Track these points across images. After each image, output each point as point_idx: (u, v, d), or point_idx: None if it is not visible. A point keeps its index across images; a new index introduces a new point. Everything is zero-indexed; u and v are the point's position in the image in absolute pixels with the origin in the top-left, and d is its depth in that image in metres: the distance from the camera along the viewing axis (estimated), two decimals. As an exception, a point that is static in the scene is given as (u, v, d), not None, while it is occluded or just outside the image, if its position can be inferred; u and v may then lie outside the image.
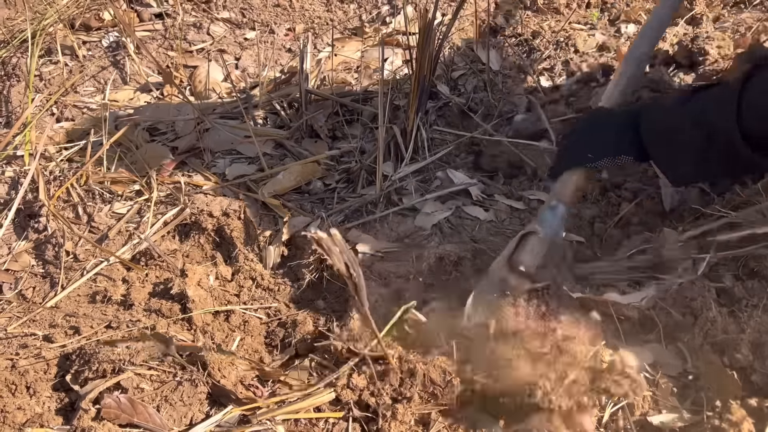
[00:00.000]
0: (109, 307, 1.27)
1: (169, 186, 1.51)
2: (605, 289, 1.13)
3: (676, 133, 1.12)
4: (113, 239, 1.42)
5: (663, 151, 1.15)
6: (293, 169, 1.55)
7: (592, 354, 0.97)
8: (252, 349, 1.18)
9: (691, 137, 1.09)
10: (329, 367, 1.10)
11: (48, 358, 1.12)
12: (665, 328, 1.08)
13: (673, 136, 1.13)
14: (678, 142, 1.12)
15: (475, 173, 1.57)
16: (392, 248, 1.35)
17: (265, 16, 2.14)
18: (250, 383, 1.08)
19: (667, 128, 1.13)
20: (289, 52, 2.02)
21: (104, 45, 1.99)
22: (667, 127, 1.14)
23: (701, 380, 1.01)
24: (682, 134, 1.11)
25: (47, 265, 1.39)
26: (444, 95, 1.76)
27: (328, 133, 1.68)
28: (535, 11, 2.16)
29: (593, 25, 2.10)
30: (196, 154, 1.64)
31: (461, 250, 1.29)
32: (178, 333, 1.17)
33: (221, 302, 1.27)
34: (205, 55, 1.99)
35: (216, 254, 1.41)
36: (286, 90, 1.83)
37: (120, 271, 1.36)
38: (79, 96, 1.84)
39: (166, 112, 1.77)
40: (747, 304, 1.08)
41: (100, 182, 1.53)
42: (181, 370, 1.06)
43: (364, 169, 1.54)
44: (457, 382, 1.02)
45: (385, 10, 2.14)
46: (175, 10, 2.10)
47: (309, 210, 1.47)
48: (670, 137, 1.13)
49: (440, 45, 1.56)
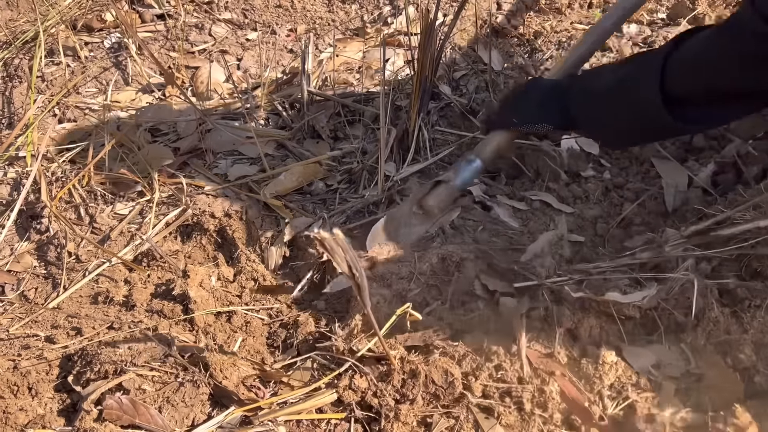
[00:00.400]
0: (111, 308, 1.27)
1: (171, 187, 1.51)
2: (606, 289, 1.13)
3: (603, 97, 1.16)
4: (115, 240, 1.42)
5: (590, 116, 1.19)
6: (295, 170, 1.55)
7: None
8: (254, 349, 1.18)
9: (617, 101, 1.13)
10: (331, 368, 1.09)
11: (50, 359, 1.12)
12: (667, 328, 1.07)
13: (600, 100, 1.17)
14: (604, 106, 1.16)
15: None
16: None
17: (266, 16, 2.14)
18: (252, 384, 1.08)
19: (596, 92, 1.17)
20: (291, 53, 2.02)
21: (106, 46, 1.99)
22: (596, 91, 1.17)
23: (704, 381, 1.01)
24: (608, 98, 1.15)
25: (49, 266, 1.39)
26: (446, 96, 1.76)
27: (329, 133, 1.68)
28: (537, 11, 2.16)
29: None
30: (197, 154, 1.64)
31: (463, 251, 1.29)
32: (180, 334, 1.17)
33: (223, 303, 1.27)
34: (207, 56, 1.99)
35: (218, 255, 1.42)
36: (287, 90, 1.83)
37: (122, 272, 1.36)
38: (81, 97, 1.84)
39: (167, 113, 1.77)
40: (750, 304, 1.07)
41: (102, 183, 1.53)
42: (182, 371, 1.06)
43: (365, 170, 1.54)
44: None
45: (386, 10, 2.14)
46: (177, 11, 2.10)
47: (311, 211, 1.47)
48: (597, 102, 1.17)
49: (442, 45, 1.56)
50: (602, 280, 1.16)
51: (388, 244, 1.31)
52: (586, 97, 1.20)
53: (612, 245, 1.33)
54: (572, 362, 1.06)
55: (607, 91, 1.15)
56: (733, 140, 1.45)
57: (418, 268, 1.25)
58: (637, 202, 1.40)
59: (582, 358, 1.06)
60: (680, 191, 1.40)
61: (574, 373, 1.05)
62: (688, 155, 1.48)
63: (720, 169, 1.41)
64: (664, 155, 1.47)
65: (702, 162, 1.45)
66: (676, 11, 2.10)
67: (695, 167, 1.44)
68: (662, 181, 1.43)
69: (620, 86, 1.12)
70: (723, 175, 1.40)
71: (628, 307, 1.08)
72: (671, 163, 1.46)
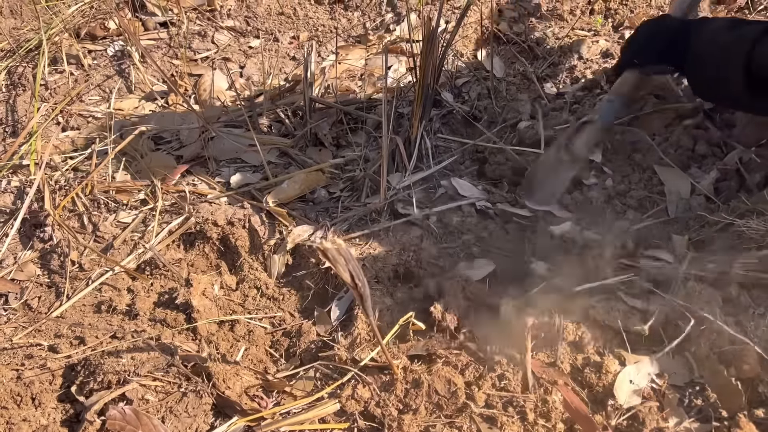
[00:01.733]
0: (114, 317, 1.27)
1: (174, 195, 1.52)
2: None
3: (708, 59, 1.26)
4: (118, 248, 1.43)
5: (698, 74, 1.30)
6: (297, 178, 1.55)
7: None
8: (257, 359, 1.18)
9: (717, 69, 1.23)
10: (334, 378, 1.09)
11: (53, 369, 1.12)
12: (671, 338, 1.07)
13: (705, 57, 1.26)
14: (707, 63, 1.26)
15: (479, 181, 1.56)
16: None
17: (269, 24, 2.14)
18: (255, 394, 1.08)
19: (705, 53, 1.27)
20: (294, 60, 2.03)
21: (109, 54, 2.00)
22: (705, 52, 1.27)
23: (708, 391, 1.00)
24: (710, 63, 1.25)
25: (52, 275, 1.40)
26: (448, 103, 1.76)
27: (332, 141, 1.68)
28: (539, 18, 2.16)
29: (597, 31, 2.10)
30: (200, 162, 1.64)
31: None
32: (183, 343, 1.17)
33: (226, 312, 1.27)
34: (210, 64, 2.00)
35: (221, 263, 1.42)
36: (290, 98, 1.84)
37: (125, 281, 1.36)
38: (84, 105, 1.85)
39: (170, 120, 1.78)
40: (753, 313, 1.07)
41: (105, 191, 1.53)
42: (185, 381, 1.06)
43: (368, 178, 1.54)
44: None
45: (388, 17, 2.14)
46: (180, 18, 2.11)
47: (313, 219, 1.47)
48: (702, 58, 1.27)
49: (444, 53, 1.56)
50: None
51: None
52: (698, 55, 1.28)
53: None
54: (575, 371, 1.06)
55: (710, 55, 1.24)
56: (736, 147, 1.44)
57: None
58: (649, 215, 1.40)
59: (585, 367, 1.06)
60: (683, 198, 1.40)
61: (577, 382, 1.05)
62: (691, 162, 1.48)
63: (722, 177, 1.41)
64: (666, 162, 1.47)
65: (705, 169, 1.45)
66: (678, 17, 2.10)
67: (698, 174, 1.43)
68: (665, 189, 1.43)
69: (721, 55, 1.22)
70: (725, 183, 1.40)
71: (634, 322, 1.08)
72: (674, 170, 1.45)
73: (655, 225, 1.35)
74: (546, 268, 1.25)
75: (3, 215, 1.52)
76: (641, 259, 1.21)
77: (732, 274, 1.09)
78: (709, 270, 1.10)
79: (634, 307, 1.10)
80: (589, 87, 1.81)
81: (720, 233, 1.22)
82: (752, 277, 1.10)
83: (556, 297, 1.15)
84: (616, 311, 1.09)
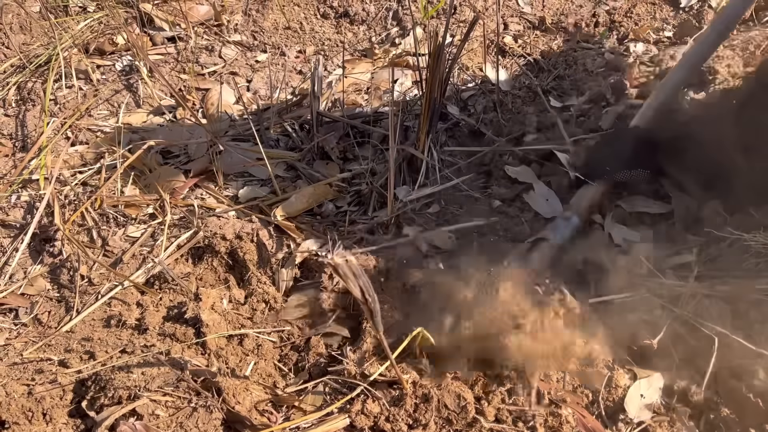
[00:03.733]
0: (124, 332, 1.27)
1: (183, 209, 1.52)
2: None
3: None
4: (127, 263, 1.43)
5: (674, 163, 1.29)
6: (305, 192, 1.56)
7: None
8: (266, 373, 1.18)
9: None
10: (343, 392, 1.10)
11: (64, 384, 1.12)
12: (681, 352, 1.07)
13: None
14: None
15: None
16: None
17: (276, 38, 2.16)
18: (265, 409, 1.08)
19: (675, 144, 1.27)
20: (300, 74, 2.04)
21: (118, 69, 2.01)
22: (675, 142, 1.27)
23: (720, 406, 1.00)
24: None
25: (62, 289, 1.40)
26: (454, 116, 1.77)
27: (339, 154, 1.69)
28: (544, 31, 2.18)
29: (602, 44, 2.11)
30: (208, 176, 1.65)
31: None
32: (193, 358, 1.18)
33: (235, 326, 1.28)
34: (217, 78, 2.01)
35: (229, 277, 1.42)
36: (297, 112, 1.85)
37: (134, 295, 1.37)
38: (93, 119, 1.86)
39: (179, 134, 1.79)
40: (763, 325, 1.07)
41: (114, 206, 1.54)
42: (195, 395, 1.07)
43: (375, 191, 1.54)
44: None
45: (394, 31, 2.16)
46: (188, 33, 2.13)
47: (321, 232, 1.48)
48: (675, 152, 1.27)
49: (450, 66, 1.57)
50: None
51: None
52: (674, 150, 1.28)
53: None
54: (584, 386, 1.06)
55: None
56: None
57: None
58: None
59: (594, 381, 1.06)
60: (691, 211, 1.40)
61: (586, 396, 1.05)
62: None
63: (729, 189, 1.41)
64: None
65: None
66: (683, 30, 2.11)
67: (705, 187, 1.44)
68: (672, 201, 1.43)
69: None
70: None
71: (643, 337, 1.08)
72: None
73: (665, 238, 1.36)
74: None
75: (13, 230, 1.53)
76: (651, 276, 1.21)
77: (747, 296, 1.09)
78: (722, 291, 1.10)
79: (644, 320, 1.10)
80: (594, 99, 1.82)
81: (728, 248, 1.22)
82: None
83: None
84: (626, 325, 1.09)
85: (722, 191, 1.31)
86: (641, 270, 1.18)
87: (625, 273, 1.19)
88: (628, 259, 1.21)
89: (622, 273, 1.19)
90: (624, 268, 1.19)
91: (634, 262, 1.21)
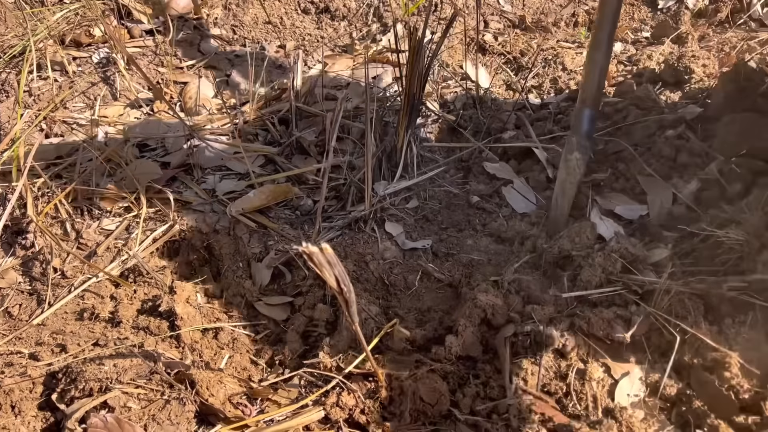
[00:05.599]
0: (97, 325, 1.26)
1: (158, 202, 1.51)
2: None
3: None
4: (102, 256, 1.41)
5: None
6: (265, 188, 1.53)
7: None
8: (241, 366, 1.17)
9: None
10: (318, 385, 1.09)
11: (34, 377, 1.10)
12: (656, 348, 1.08)
13: None
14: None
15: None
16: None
17: (255, 33, 2.15)
18: (239, 402, 1.07)
19: None
20: (280, 69, 2.03)
21: (94, 61, 1.99)
22: None
23: (693, 399, 1.01)
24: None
25: (34, 282, 1.38)
26: (434, 112, 1.78)
27: (317, 149, 1.68)
28: (524, 29, 2.19)
29: (581, 43, 2.13)
30: (185, 170, 1.63)
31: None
32: (166, 351, 1.16)
33: (210, 319, 1.27)
34: (196, 72, 2.00)
35: (205, 271, 1.41)
36: (276, 106, 1.84)
37: (108, 288, 1.35)
38: (68, 112, 1.84)
39: (156, 128, 1.77)
40: (734, 321, 1.08)
41: (89, 198, 1.52)
42: (169, 388, 1.05)
43: (353, 186, 1.54)
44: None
45: (375, 28, 2.16)
46: (166, 26, 2.11)
47: (298, 226, 1.47)
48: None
49: (430, 63, 1.57)
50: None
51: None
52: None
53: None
54: (558, 379, 1.06)
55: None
56: (716, 158, 1.47)
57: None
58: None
59: (568, 374, 1.06)
60: (665, 207, 1.41)
61: (560, 390, 1.05)
62: (673, 172, 1.50)
63: (703, 186, 1.43)
64: (649, 172, 1.49)
65: (686, 179, 1.47)
66: (660, 30, 2.13)
67: (679, 184, 1.45)
68: (647, 198, 1.45)
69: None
70: (706, 192, 1.42)
71: (616, 330, 1.09)
72: (656, 180, 1.47)
73: (638, 234, 1.37)
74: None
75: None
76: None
77: (720, 293, 1.10)
78: (694, 288, 1.11)
79: (618, 315, 1.11)
80: (572, 98, 1.84)
81: (701, 243, 1.23)
82: (741, 299, 1.10)
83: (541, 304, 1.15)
84: (600, 319, 1.10)
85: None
86: (616, 265, 1.19)
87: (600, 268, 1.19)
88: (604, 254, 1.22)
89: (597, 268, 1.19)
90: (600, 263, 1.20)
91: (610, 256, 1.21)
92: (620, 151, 1.57)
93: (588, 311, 1.13)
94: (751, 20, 2.15)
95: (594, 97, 1.36)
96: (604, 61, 1.34)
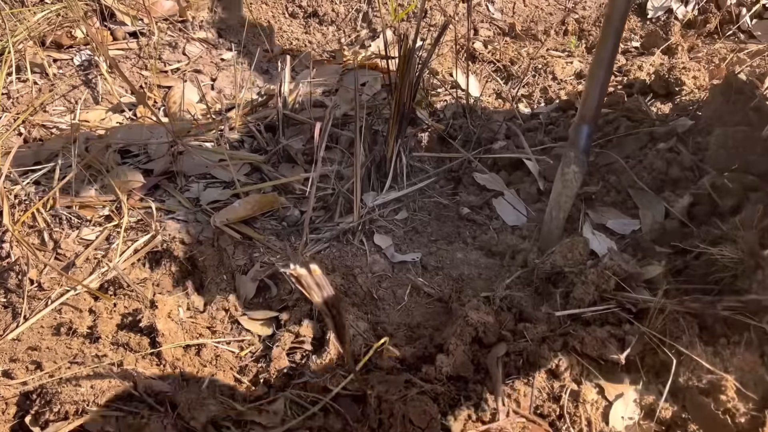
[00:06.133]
0: (74, 340, 1.21)
1: (140, 211, 1.46)
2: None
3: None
4: (80, 267, 1.37)
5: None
6: (250, 198, 1.49)
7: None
8: (224, 385, 1.13)
9: None
10: (305, 407, 1.05)
11: (6, 397, 1.05)
12: (650, 368, 1.06)
13: None
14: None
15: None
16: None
17: (242, 37, 2.11)
18: (222, 424, 1.03)
19: None
20: (267, 74, 1.99)
21: (76, 63, 1.94)
22: None
23: (688, 422, 0.99)
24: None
25: (9, 294, 1.33)
26: (423, 121, 1.75)
27: (304, 158, 1.65)
28: (514, 38, 2.17)
29: (571, 52, 2.11)
30: (169, 177, 1.59)
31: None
32: (147, 369, 1.12)
33: (192, 335, 1.22)
34: (180, 76, 1.95)
35: (188, 283, 1.37)
36: (263, 113, 1.80)
37: (87, 301, 1.30)
38: (48, 115, 1.78)
39: (138, 133, 1.72)
40: (729, 341, 1.07)
41: (68, 207, 1.47)
42: (148, 410, 1.01)
43: (341, 196, 1.51)
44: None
45: (364, 33, 2.13)
46: (150, 29, 2.06)
47: (285, 238, 1.43)
48: None
49: (420, 71, 1.55)
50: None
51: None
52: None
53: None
54: (552, 401, 1.04)
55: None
56: (708, 172, 1.45)
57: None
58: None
59: (562, 395, 1.04)
60: (657, 222, 1.40)
61: (553, 411, 1.03)
62: (665, 186, 1.49)
63: (696, 201, 1.41)
64: (640, 186, 1.47)
65: (678, 193, 1.45)
66: (650, 41, 2.12)
67: (671, 198, 1.44)
68: (639, 212, 1.43)
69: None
70: (699, 207, 1.40)
71: (610, 351, 1.06)
72: (648, 194, 1.46)
73: (631, 249, 1.35)
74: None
75: (-42, 230, 1.45)
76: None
77: (714, 313, 1.08)
78: (689, 307, 1.09)
79: (612, 334, 1.09)
80: (563, 107, 1.82)
81: (695, 260, 1.22)
82: (736, 319, 1.08)
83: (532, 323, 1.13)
84: (593, 339, 1.07)
85: None
86: (609, 283, 1.17)
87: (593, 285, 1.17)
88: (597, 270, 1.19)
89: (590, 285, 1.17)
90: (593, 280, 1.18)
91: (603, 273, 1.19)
92: (611, 163, 1.55)
93: (581, 330, 1.11)
94: (740, 31, 2.15)
95: (594, 113, 1.34)
96: (606, 78, 1.32)
